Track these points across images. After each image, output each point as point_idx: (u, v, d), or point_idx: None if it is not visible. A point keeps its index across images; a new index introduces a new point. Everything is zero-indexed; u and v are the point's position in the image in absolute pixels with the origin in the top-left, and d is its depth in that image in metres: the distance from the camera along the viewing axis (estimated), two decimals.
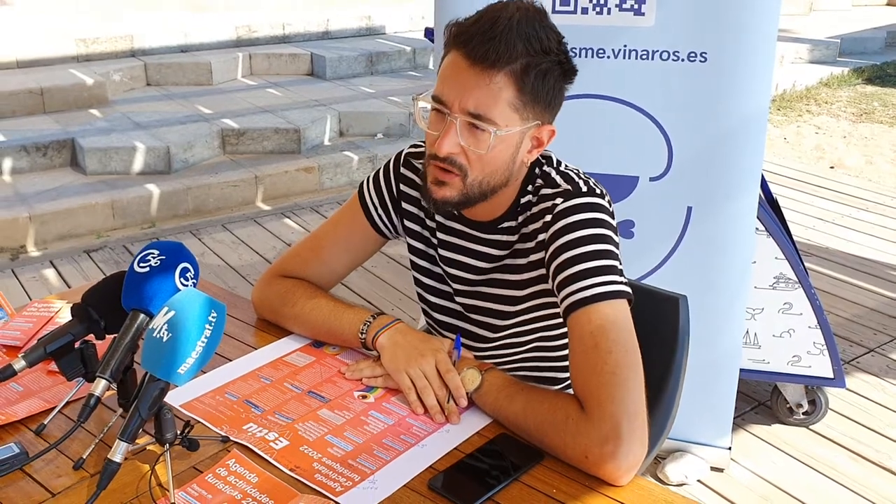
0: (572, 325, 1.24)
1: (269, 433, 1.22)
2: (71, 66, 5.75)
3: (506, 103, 1.22)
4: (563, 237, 1.29)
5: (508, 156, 1.28)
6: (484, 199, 1.33)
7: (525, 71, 1.21)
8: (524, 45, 1.20)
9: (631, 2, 2.10)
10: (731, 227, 2.21)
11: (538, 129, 1.29)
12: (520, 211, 1.38)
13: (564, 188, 1.33)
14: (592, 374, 1.18)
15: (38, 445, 1.19)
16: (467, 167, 1.27)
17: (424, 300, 1.56)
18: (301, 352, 1.47)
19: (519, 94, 1.23)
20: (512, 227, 1.39)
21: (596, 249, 1.26)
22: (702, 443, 2.39)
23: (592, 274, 1.24)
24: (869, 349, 3.15)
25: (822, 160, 5.50)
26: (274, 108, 5.46)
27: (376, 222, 1.53)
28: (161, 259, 1.21)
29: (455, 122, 1.24)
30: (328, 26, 7.14)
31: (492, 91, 1.21)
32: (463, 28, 1.23)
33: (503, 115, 1.23)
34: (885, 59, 8.15)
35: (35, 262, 3.85)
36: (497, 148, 1.25)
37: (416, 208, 1.50)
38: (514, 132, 1.26)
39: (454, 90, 1.23)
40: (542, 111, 1.27)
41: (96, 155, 4.55)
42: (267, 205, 4.64)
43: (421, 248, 1.52)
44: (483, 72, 1.21)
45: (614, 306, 1.23)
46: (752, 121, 2.13)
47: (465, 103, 1.23)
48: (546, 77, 1.24)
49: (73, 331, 1.22)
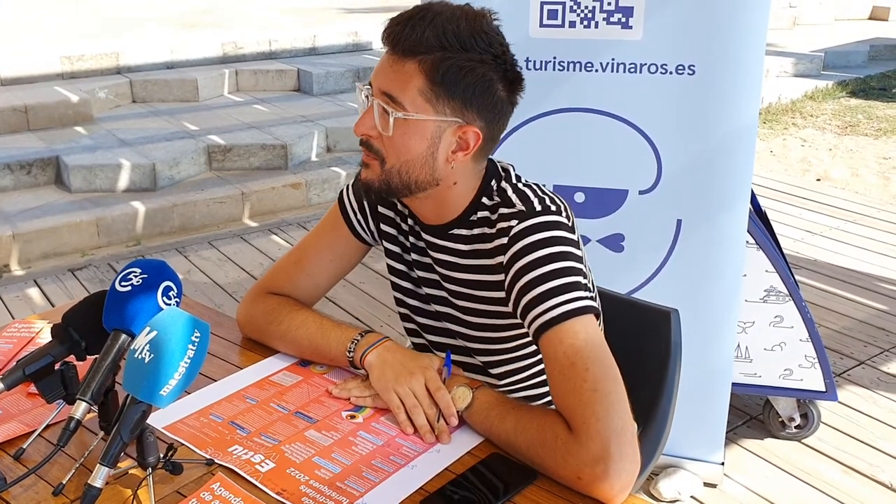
0: (544, 347, 1.22)
1: (254, 455, 1.19)
2: (56, 84, 5.71)
3: (416, 90, 1.24)
4: (521, 260, 1.26)
5: (424, 148, 1.27)
6: (411, 193, 1.32)
7: (434, 64, 1.22)
8: (436, 36, 1.21)
9: (619, 15, 2.10)
10: (721, 240, 2.19)
11: (460, 129, 1.27)
12: (475, 222, 1.36)
13: (518, 209, 1.30)
14: (573, 393, 1.15)
15: (17, 471, 1.15)
16: (383, 152, 1.28)
17: (402, 304, 1.54)
18: (287, 371, 1.44)
19: (430, 84, 1.23)
20: (464, 237, 1.37)
21: (556, 268, 1.24)
22: (695, 458, 2.37)
23: (556, 293, 1.22)
24: (859, 361, 3.15)
25: (808, 173, 5.52)
26: (261, 124, 5.44)
27: (356, 229, 1.51)
28: (143, 277, 1.18)
29: (372, 105, 1.27)
30: (315, 42, 7.14)
31: (402, 76, 1.24)
32: (389, 22, 1.27)
33: (413, 102, 1.24)
34: (869, 72, 8.22)
35: (19, 282, 3.81)
36: (404, 134, 1.25)
37: (392, 212, 1.49)
38: (426, 121, 1.25)
39: (375, 74, 1.28)
40: (460, 108, 1.25)
41: (81, 172, 4.51)
42: (254, 221, 4.61)
43: (397, 252, 1.50)
44: (397, 58, 1.24)
45: (583, 322, 1.20)
46: (741, 133, 2.12)
47: (378, 84, 1.26)
48: (463, 74, 1.22)
49: (53, 352, 1.19)
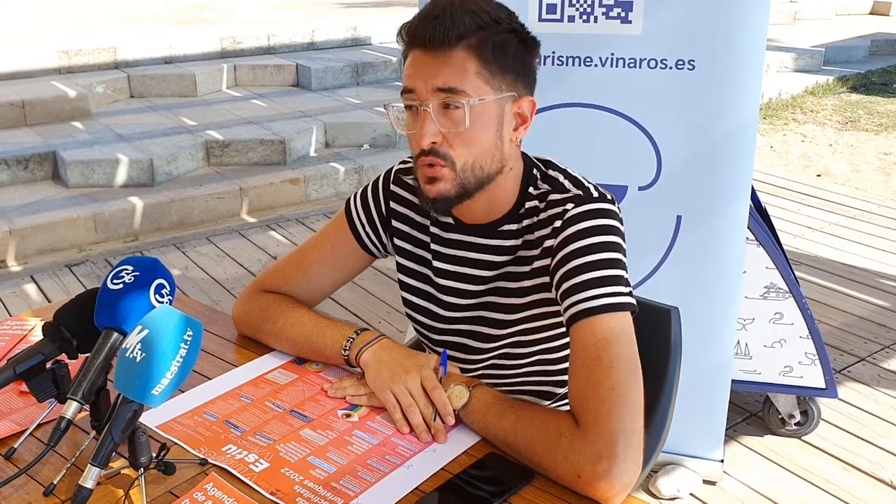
0: (575, 335, 1.21)
1: (248, 455, 1.18)
2: (53, 79, 5.69)
3: (473, 74, 1.21)
4: (573, 244, 1.25)
5: (493, 133, 1.25)
6: (482, 188, 1.28)
7: (482, 42, 1.21)
8: (471, 18, 1.20)
9: (618, 10, 2.08)
10: (721, 237, 2.18)
11: (517, 103, 1.27)
12: (523, 214, 1.33)
13: (575, 193, 1.29)
14: (592, 388, 1.14)
15: (8, 470, 1.14)
16: (452, 155, 1.24)
17: (414, 319, 1.51)
18: (283, 369, 1.43)
19: (483, 63, 1.22)
20: (513, 231, 1.35)
21: (605, 258, 1.23)
22: (694, 455, 2.35)
23: (600, 284, 1.20)
24: (860, 358, 3.13)
25: (808, 168, 5.50)
26: (259, 120, 5.42)
27: (363, 240, 1.49)
28: (135, 275, 1.17)
29: (429, 110, 1.22)
30: (314, 37, 7.11)
31: (455, 65, 1.21)
32: (409, 25, 1.24)
33: (474, 86, 1.22)
34: (869, 67, 8.20)
35: (15, 277, 3.79)
36: (476, 123, 1.23)
37: (408, 226, 1.46)
38: (490, 102, 1.23)
39: (420, 79, 1.23)
40: (513, 81, 1.25)
41: (78, 168, 4.49)
42: (252, 217, 4.59)
43: (412, 266, 1.47)
44: (441, 52, 1.21)
45: (619, 319, 1.19)
46: (741, 129, 2.11)
47: (432, 83, 1.22)
48: (505, 46, 1.23)
49: (44, 350, 1.18)
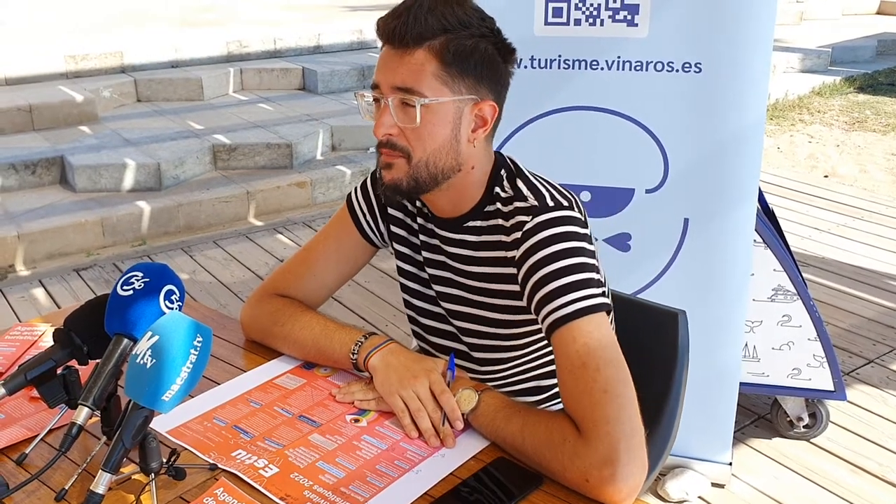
0: (556, 345, 1.21)
1: (258, 460, 1.18)
2: (60, 83, 5.71)
3: (431, 75, 1.23)
4: (535, 255, 1.26)
5: (448, 133, 1.26)
6: (437, 184, 1.30)
7: (445, 45, 1.23)
8: (437, 20, 1.22)
9: (624, 13, 2.08)
10: (728, 239, 2.18)
11: (477, 106, 1.28)
12: (490, 214, 1.35)
13: (531, 204, 1.29)
14: (584, 394, 1.14)
15: (20, 476, 1.15)
16: (408, 148, 1.26)
17: (410, 305, 1.53)
18: (291, 374, 1.43)
19: (443, 66, 1.23)
20: (478, 228, 1.36)
21: (570, 264, 1.23)
22: (702, 458, 2.35)
23: (569, 290, 1.21)
24: (868, 360, 3.12)
25: (815, 169, 5.49)
26: (265, 123, 5.43)
27: (365, 230, 1.51)
28: (145, 281, 1.17)
29: (389, 104, 1.25)
30: (319, 40, 7.13)
31: (414, 66, 1.23)
32: (380, 19, 1.26)
33: (431, 87, 1.23)
34: (876, 67, 8.17)
35: (24, 282, 3.80)
36: (430, 121, 1.24)
37: (401, 213, 1.48)
38: (446, 103, 1.25)
39: (383, 74, 1.26)
40: (474, 85, 1.26)
41: (86, 172, 4.51)
42: (259, 220, 4.60)
43: (407, 252, 1.50)
44: (404, 51, 1.23)
45: (596, 321, 1.20)
46: (748, 131, 2.10)
47: (391, 81, 1.24)
48: (470, 51, 1.24)
49: (55, 356, 1.18)
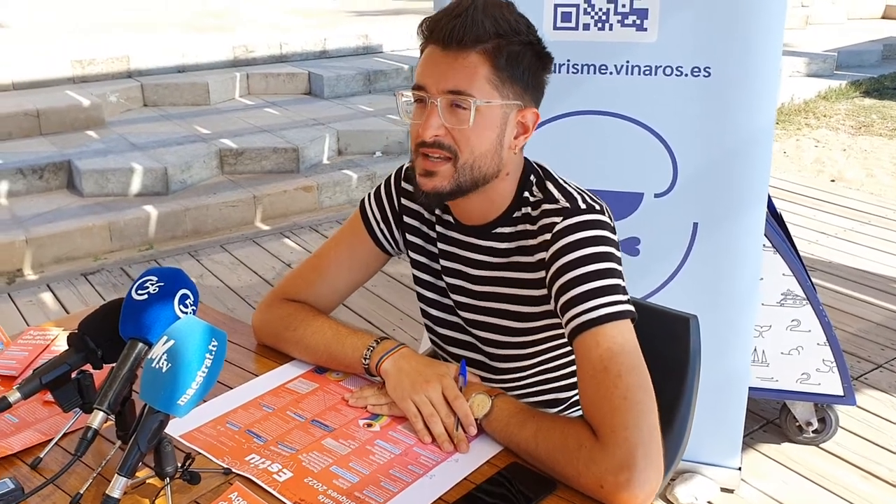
0: (579, 348, 1.21)
1: (272, 464, 1.18)
2: (67, 88, 5.73)
3: (483, 79, 1.24)
4: (564, 257, 1.26)
5: (494, 137, 1.27)
6: (475, 189, 1.30)
7: (497, 49, 1.23)
8: (492, 23, 1.22)
9: (633, 17, 2.08)
10: (738, 244, 2.17)
11: (521, 113, 1.29)
12: (518, 219, 1.35)
13: (563, 206, 1.30)
14: (604, 399, 1.14)
15: (34, 480, 1.15)
16: (455, 148, 1.26)
17: (427, 315, 1.53)
18: (303, 378, 1.43)
19: (495, 70, 1.24)
20: (506, 234, 1.36)
21: (599, 269, 1.23)
22: (712, 463, 2.34)
23: (597, 295, 1.21)
24: (877, 365, 3.11)
25: (822, 173, 5.48)
26: (272, 128, 5.44)
27: (378, 238, 1.51)
28: (160, 286, 1.18)
29: (436, 104, 1.25)
30: (325, 45, 7.15)
31: (468, 68, 1.23)
32: (430, 19, 1.27)
33: (482, 90, 1.24)
34: (882, 71, 8.16)
35: (32, 286, 3.81)
36: (480, 124, 1.25)
37: (418, 222, 1.48)
38: (495, 107, 1.25)
39: (432, 75, 1.26)
40: (521, 92, 1.28)
41: (93, 177, 4.52)
42: (266, 225, 4.61)
43: (423, 261, 1.49)
44: (457, 53, 1.23)
45: (620, 327, 1.20)
46: (757, 135, 2.10)
47: (443, 84, 1.24)
48: (520, 57, 1.25)
49: (70, 361, 1.19)
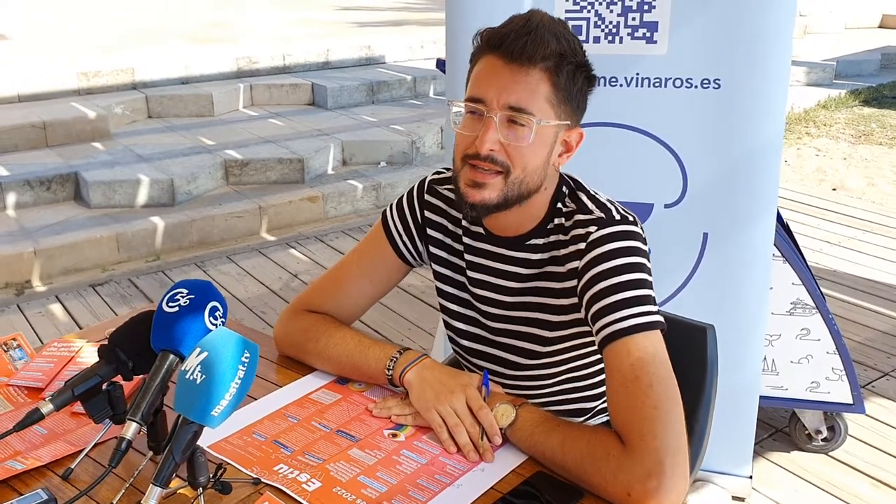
0: (610, 357, 1.23)
1: (300, 474, 1.20)
2: (73, 100, 5.75)
3: (543, 97, 1.26)
4: (598, 266, 1.27)
5: (545, 155, 1.30)
6: (520, 203, 1.32)
7: (558, 66, 1.25)
8: (556, 41, 1.24)
9: (643, 30, 2.11)
10: (747, 253, 2.19)
11: (569, 132, 1.32)
12: (551, 230, 1.37)
13: (598, 216, 1.32)
14: (634, 408, 1.16)
15: (65, 490, 1.17)
16: (509, 163, 1.27)
17: (451, 327, 1.54)
18: (326, 389, 1.45)
19: (554, 89, 1.26)
20: (539, 246, 1.38)
21: (632, 279, 1.25)
22: (723, 472, 2.36)
23: (629, 304, 1.23)
24: (884, 373, 3.13)
25: (823, 182, 5.51)
26: (276, 139, 5.47)
27: (401, 250, 1.52)
28: (190, 298, 1.19)
29: (494, 119, 1.25)
30: (328, 56, 7.18)
31: (530, 85, 1.25)
32: (495, 32, 1.28)
33: (541, 109, 1.26)
34: (881, 80, 8.20)
35: (41, 298, 3.83)
36: (536, 142, 1.27)
37: (442, 234, 1.49)
38: (551, 126, 1.28)
39: (492, 88, 1.26)
40: (572, 111, 1.30)
41: (100, 188, 4.54)
42: (272, 235, 4.63)
43: (448, 274, 1.50)
44: (520, 68, 1.24)
45: (651, 338, 1.21)
46: (766, 146, 2.13)
47: (504, 99, 1.25)
48: (576, 76, 1.28)
49: (101, 372, 1.20)
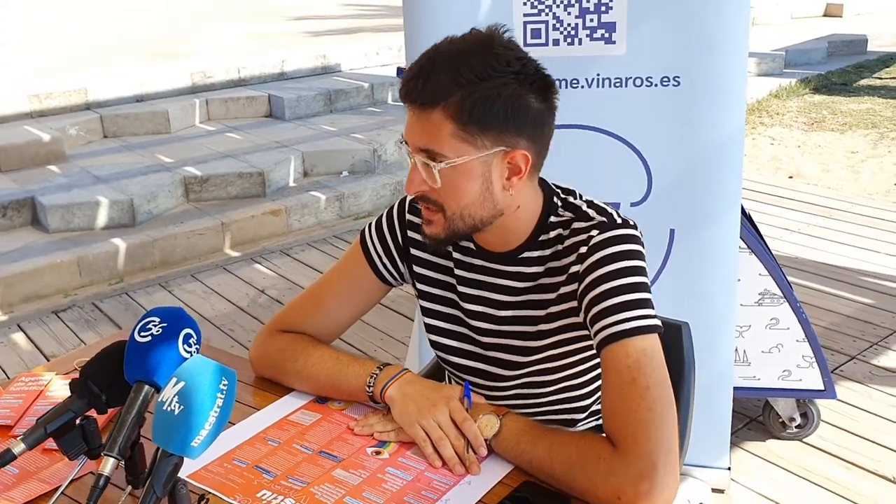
0: (607, 358, 1.23)
1: (284, 499, 1.18)
2: (25, 123, 5.64)
3: (449, 136, 1.22)
4: (600, 269, 1.27)
5: (478, 187, 1.26)
6: (479, 231, 1.32)
7: (460, 103, 1.20)
8: (451, 79, 1.20)
9: (602, 31, 2.12)
10: (714, 247, 2.22)
11: (507, 156, 1.25)
12: (547, 242, 1.35)
13: (599, 220, 1.31)
14: (629, 410, 1.16)
15: None
16: (441, 202, 1.28)
17: (438, 345, 1.51)
18: (305, 409, 1.43)
19: (460, 126, 1.22)
20: (533, 258, 1.36)
21: (632, 282, 1.25)
22: (701, 465, 2.38)
23: (629, 307, 1.23)
24: (850, 356, 3.19)
25: (780, 171, 5.60)
26: (235, 153, 5.41)
27: (381, 271, 1.50)
28: (163, 326, 1.16)
29: (416, 162, 1.26)
30: (283, 67, 7.12)
31: (431, 128, 1.23)
32: (403, 79, 1.26)
33: (452, 147, 1.23)
34: (829, 68, 8.37)
35: (2, 327, 3.73)
36: (455, 180, 1.24)
37: (426, 252, 1.48)
38: (470, 161, 1.24)
39: (408, 133, 1.27)
40: (498, 136, 1.23)
41: (58, 212, 4.45)
42: (235, 251, 4.57)
43: (435, 292, 1.48)
44: (421, 112, 1.23)
45: (650, 341, 1.22)
46: (728, 139, 2.15)
47: (415, 142, 1.26)
48: (489, 104, 1.20)
49: (74, 407, 1.16)
